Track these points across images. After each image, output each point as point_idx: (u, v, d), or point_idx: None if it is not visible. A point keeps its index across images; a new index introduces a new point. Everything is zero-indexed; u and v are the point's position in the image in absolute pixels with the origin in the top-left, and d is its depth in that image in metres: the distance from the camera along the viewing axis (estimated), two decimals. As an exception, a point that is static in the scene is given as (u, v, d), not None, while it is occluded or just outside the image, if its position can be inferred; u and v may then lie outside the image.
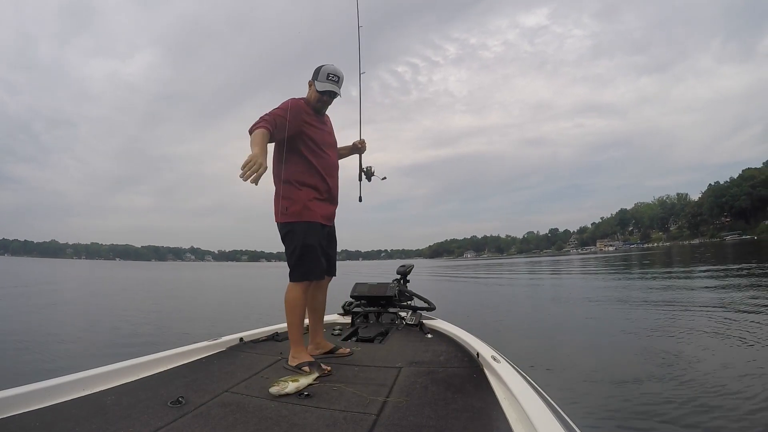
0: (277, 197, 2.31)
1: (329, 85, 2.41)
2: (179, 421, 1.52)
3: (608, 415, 3.21)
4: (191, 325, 7.82)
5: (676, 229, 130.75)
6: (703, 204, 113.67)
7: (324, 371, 2.03)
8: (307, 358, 2.18)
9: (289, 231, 2.29)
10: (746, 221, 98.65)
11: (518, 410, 1.47)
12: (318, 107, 2.44)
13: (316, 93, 2.41)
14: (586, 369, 4.44)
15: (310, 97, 2.43)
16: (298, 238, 2.26)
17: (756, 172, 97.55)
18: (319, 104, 2.44)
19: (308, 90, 2.46)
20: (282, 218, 2.29)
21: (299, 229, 2.27)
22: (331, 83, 2.41)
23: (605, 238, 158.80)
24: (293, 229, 2.28)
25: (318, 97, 2.41)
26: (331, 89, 2.42)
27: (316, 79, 2.41)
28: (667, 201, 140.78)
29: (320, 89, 2.40)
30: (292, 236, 2.28)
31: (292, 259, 2.28)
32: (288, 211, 2.28)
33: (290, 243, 2.28)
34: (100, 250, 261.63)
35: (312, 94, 2.43)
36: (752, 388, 3.52)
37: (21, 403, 1.58)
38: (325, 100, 2.45)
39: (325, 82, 2.40)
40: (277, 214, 2.31)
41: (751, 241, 63.78)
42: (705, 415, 3.08)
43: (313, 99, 2.42)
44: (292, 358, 2.19)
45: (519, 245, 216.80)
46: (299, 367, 2.07)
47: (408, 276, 3.67)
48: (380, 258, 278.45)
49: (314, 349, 2.45)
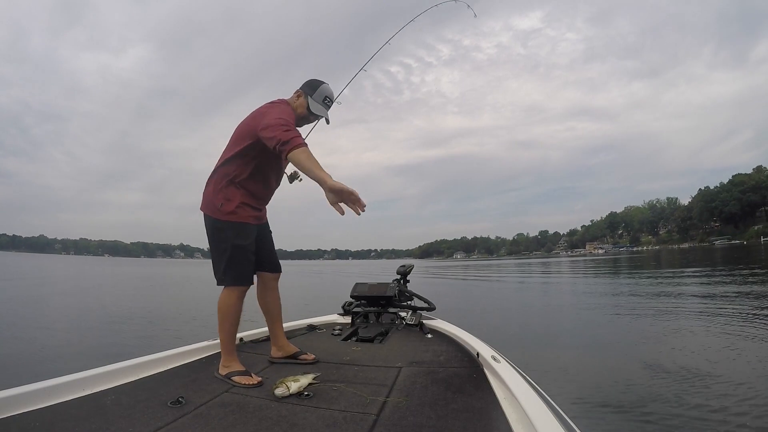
0: (216, 191, 2.11)
1: (323, 110, 2.29)
2: (179, 421, 1.51)
3: (608, 414, 3.24)
4: (192, 325, 7.75)
5: (666, 232, 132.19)
6: (692, 208, 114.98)
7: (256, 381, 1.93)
8: (237, 367, 2.03)
9: (220, 229, 2.10)
10: (735, 226, 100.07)
11: (518, 410, 1.48)
12: (299, 123, 2.25)
13: (305, 110, 2.24)
14: (585, 368, 4.51)
15: (296, 108, 2.23)
16: (229, 238, 2.09)
17: (746, 178, 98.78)
18: (302, 121, 2.28)
19: (296, 99, 2.27)
20: (217, 214, 2.10)
21: (231, 228, 2.10)
22: (325, 107, 2.30)
23: (595, 241, 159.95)
24: (224, 227, 2.10)
25: (306, 114, 2.25)
26: (324, 115, 2.30)
27: (311, 96, 2.25)
28: (657, 205, 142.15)
29: (314, 110, 2.25)
30: (222, 236, 2.10)
31: (222, 261, 2.10)
32: (223, 208, 2.09)
33: (220, 243, 2.11)
34: (89, 246, 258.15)
35: (300, 108, 2.24)
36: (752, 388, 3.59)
37: (21, 403, 1.57)
38: (310, 120, 2.32)
39: (320, 104, 2.27)
40: (212, 208, 2.11)
41: (740, 246, 64.66)
42: (705, 415, 3.13)
43: (299, 113, 2.23)
44: (222, 366, 2.04)
45: (509, 247, 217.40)
46: (229, 377, 1.96)
47: (408, 276, 3.67)
48: (370, 258, 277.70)
49: (276, 351, 2.36)
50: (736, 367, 4.24)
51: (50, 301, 12.01)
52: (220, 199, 2.10)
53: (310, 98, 2.24)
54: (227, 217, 2.09)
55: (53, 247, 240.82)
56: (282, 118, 1.96)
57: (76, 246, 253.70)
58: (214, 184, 2.14)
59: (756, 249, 44.90)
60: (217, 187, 2.12)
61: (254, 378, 1.95)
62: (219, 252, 2.11)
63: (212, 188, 2.14)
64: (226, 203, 2.09)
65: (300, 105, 2.24)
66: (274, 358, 2.34)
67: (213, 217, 2.11)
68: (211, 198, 2.12)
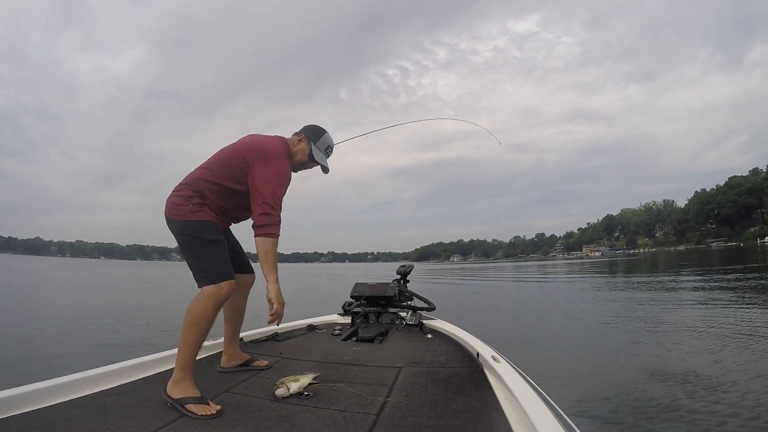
0: (186, 200, 1.96)
1: (324, 159, 2.25)
2: (179, 421, 1.52)
3: (608, 414, 3.25)
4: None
5: (662, 235, 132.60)
6: (689, 211, 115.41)
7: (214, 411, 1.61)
8: (192, 392, 1.70)
9: (192, 229, 1.94)
10: (732, 228, 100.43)
11: (518, 410, 1.48)
12: (296, 168, 2.21)
13: (306, 156, 2.18)
14: (585, 368, 4.54)
15: (295, 154, 2.17)
16: (202, 235, 1.93)
17: (742, 180, 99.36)
18: (300, 167, 2.23)
19: (298, 143, 2.19)
20: (186, 216, 1.93)
21: (201, 225, 1.95)
22: (327, 156, 2.26)
23: (591, 244, 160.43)
24: (195, 226, 1.94)
25: (306, 161, 2.20)
26: (325, 164, 2.25)
27: (315, 143, 2.20)
28: (653, 207, 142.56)
29: (316, 158, 2.20)
30: (195, 234, 1.94)
31: (199, 259, 1.92)
32: (192, 210, 1.94)
33: (193, 242, 1.94)
34: (85, 248, 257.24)
35: (301, 154, 2.18)
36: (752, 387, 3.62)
37: (21, 403, 1.56)
38: (308, 167, 2.25)
39: (323, 153, 2.24)
40: (179, 211, 1.94)
41: (736, 248, 64.92)
42: (704, 415, 3.15)
43: (298, 159, 2.18)
44: (173, 387, 1.70)
45: (505, 249, 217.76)
46: (182, 404, 1.63)
47: (408, 276, 3.68)
48: (366, 260, 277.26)
49: (228, 360, 2.23)
50: (736, 367, 4.26)
51: (50, 301, 11.98)
52: (190, 205, 1.96)
53: (313, 145, 2.20)
54: (197, 217, 1.95)
55: (49, 249, 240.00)
56: (274, 193, 1.94)
57: (72, 248, 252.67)
58: (186, 195, 1.98)
59: (753, 251, 45.09)
60: (188, 199, 1.97)
61: (212, 407, 1.62)
62: (193, 251, 1.93)
63: (182, 197, 1.98)
64: (195, 210, 1.95)
65: (301, 151, 2.19)
66: (225, 367, 2.22)
67: (182, 220, 1.95)
68: (180, 203, 1.97)
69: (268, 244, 1.90)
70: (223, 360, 2.26)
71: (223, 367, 2.24)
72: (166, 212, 1.99)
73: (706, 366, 4.34)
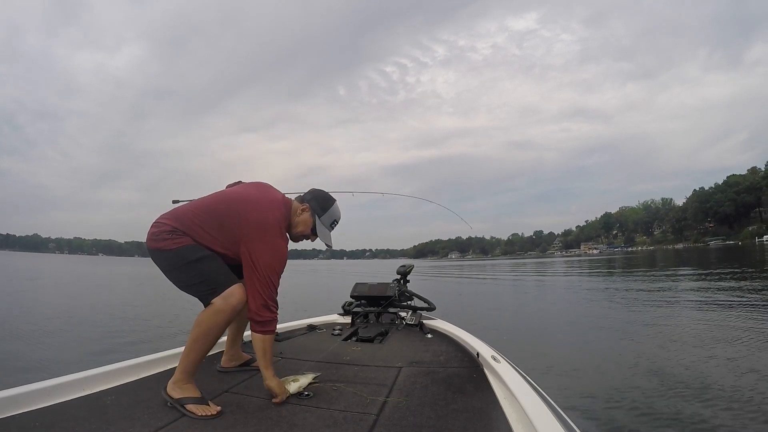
0: (166, 231, 1.82)
1: (329, 236, 2.06)
2: (179, 421, 1.52)
3: (608, 414, 3.26)
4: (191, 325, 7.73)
5: (661, 233, 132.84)
6: (687, 209, 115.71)
7: (215, 411, 1.61)
8: (193, 392, 1.69)
9: (181, 255, 1.80)
10: (730, 227, 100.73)
11: (518, 410, 1.49)
12: (295, 239, 2.04)
13: (309, 229, 2.00)
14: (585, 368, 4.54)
15: (296, 225, 1.99)
16: (192, 256, 1.80)
17: (740, 179, 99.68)
18: (299, 238, 2.04)
19: (301, 213, 1.98)
20: (173, 245, 1.79)
21: (189, 248, 1.81)
22: (331, 230, 2.08)
23: (590, 242, 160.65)
24: (183, 251, 1.80)
25: (308, 234, 2.01)
26: (329, 242, 2.06)
27: (320, 218, 2.01)
28: (651, 205, 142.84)
29: (320, 234, 2.03)
30: (185, 258, 1.80)
31: (198, 276, 1.80)
32: (174, 237, 1.80)
33: (186, 265, 1.80)
34: (83, 245, 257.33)
35: (303, 226, 1.99)
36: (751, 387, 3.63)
37: (21, 403, 1.56)
38: (309, 239, 2.06)
39: (327, 228, 2.05)
40: (166, 242, 1.80)
41: (735, 247, 65.11)
42: (703, 414, 3.16)
43: (299, 231, 2.00)
44: (174, 387, 1.70)
45: (503, 247, 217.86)
46: (182, 403, 1.63)
47: (408, 276, 3.68)
48: (365, 257, 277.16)
49: (228, 360, 2.22)
50: (736, 367, 4.27)
51: (49, 301, 11.92)
52: (171, 234, 1.82)
53: (318, 219, 2.01)
54: (184, 242, 1.82)
55: (47, 246, 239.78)
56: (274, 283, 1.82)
57: (70, 245, 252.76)
58: (169, 224, 1.85)
59: (751, 250, 45.23)
60: (168, 228, 1.83)
61: (212, 407, 1.62)
62: (189, 274, 1.82)
63: (163, 226, 1.85)
64: (177, 235, 1.83)
65: (303, 222, 1.99)
66: (225, 367, 2.21)
67: (169, 249, 1.81)
68: (166, 237, 1.82)
69: (267, 342, 1.81)
70: (224, 360, 2.26)
71: (223, 366, 2.23)
72: (149, 243, 1.86)
73: (706, 366, 4.35)
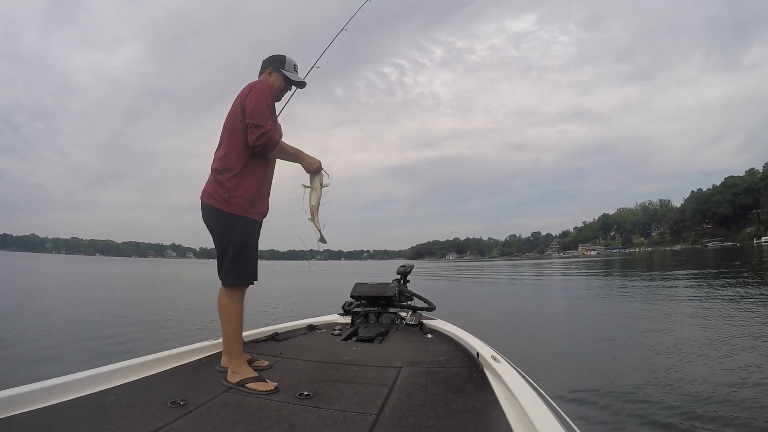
0: (219, 183, 2.05)
1: (297, 76, 2.35)
2: (179, 421, 1.51)
3: (608, 414, 3.27)
4: (191, 325, 7.70)
5: (658, 234, 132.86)
6: (685, 210, 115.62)
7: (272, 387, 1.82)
8: (250, 373, 1.92)
9: (231, 225, 2.02)
10: (728, 228, 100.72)
11: (518, 410, 1.49)
12: (279, 97, 2.32)
13: (282, 82, 2.29)
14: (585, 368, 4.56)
15: (272, 84, 2.24)
16: (239, 235, 2.03)
17: (738, 180, 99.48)
18: (281, 93, 2.33)
19: (269, 77, 2.28)
20: (224, 206, 2.01)
21: (241, 224, 2.04)
22: (297, 72, 2.36)
23: (587, 243, 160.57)
24: (235, 223, 2.02)
25: (284, 86, 2.31)
26: (301, 80, 2.37)
27: (283, 68, 2.29)
28: (649, 207, 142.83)
29: (292, 78, 2.31)
30: (232, 231, 2.02)
31: (228, 256, 2.03)
32: (231, 200, 2.01)
33: (229, 239, 2.03)
34: (80, 245, 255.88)
35: (277, 83, 2.27)
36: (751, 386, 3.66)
37: (21, 403, 1.56)
38: (288, 90, 2.37)
39: (293, 72, 2.33)
40: (218, 199, 2.03)
41: (733, 248, 65.24)
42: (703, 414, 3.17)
43: (278, 88, 2.28)
44: (232, 374, 1.92)
45: (501, 248, 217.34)
46: (242, 384, 1.84)
47: (408, 276, 3.68)
48: (362, 258, 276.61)
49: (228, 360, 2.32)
50: (735, 366, 4.30)
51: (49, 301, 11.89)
52: (228, 191, 2.03)
53: (283, 71, 2.30)
54: (236, 210, 2.02)
55: (44, 246, 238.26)
56: (260, 110, 2.04)
57: (67, 245, 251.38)
58: (217, 175, 2.08)
59: (749, 251, 45.36)
60: (221, 177, 2.06)
61: (269, 383, 1.83)
62: (225, 248, 2.04)
63: (215, 179, 2.08)
64: (235, 195, 2.02)
65: (276, 80, 2.29)
66: (225, 367, 2.19)
67: (220, 210, 2.03)
68: (217, 188, 2.05)
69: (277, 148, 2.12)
70: (224, 360, 2.23)
71: (223, 366, 2.21)
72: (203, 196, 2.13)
73: (706, 366, 4.37)
